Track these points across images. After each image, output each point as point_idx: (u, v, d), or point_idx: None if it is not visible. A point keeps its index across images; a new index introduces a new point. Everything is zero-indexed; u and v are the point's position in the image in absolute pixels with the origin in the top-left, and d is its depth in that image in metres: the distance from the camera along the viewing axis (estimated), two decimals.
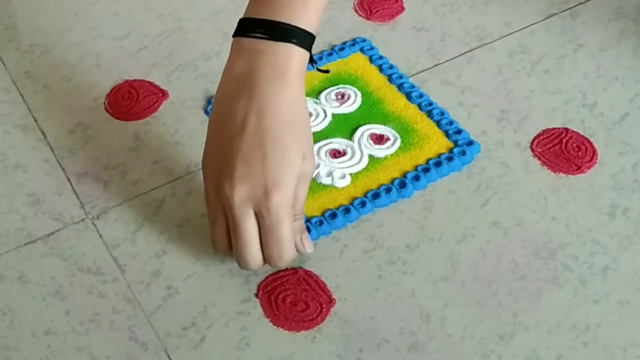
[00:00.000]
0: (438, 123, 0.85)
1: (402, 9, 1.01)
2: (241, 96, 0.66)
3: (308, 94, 0.89)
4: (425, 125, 0.85)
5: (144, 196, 0.80)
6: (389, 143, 0.83)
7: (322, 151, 0.83)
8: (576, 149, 0.83)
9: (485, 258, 0.74)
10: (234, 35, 0.71)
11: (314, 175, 0.80)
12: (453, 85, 0.90)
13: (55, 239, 0.76)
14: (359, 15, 1.00)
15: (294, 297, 0.71)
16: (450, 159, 0.81)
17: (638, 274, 0.72)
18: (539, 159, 0.82)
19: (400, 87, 0.89)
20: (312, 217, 0.77)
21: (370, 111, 0.87)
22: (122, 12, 1.02)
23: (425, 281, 0.72)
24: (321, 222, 0.76)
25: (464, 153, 0.82)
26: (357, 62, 0.93)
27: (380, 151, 0.83)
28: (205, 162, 0.69)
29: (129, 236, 0.76)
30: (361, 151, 0.83)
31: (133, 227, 0.77)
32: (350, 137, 0.84)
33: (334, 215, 0.77)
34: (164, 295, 0.72)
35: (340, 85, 0.90)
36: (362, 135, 0.84)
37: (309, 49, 0.69)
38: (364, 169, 0.81)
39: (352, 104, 0.88)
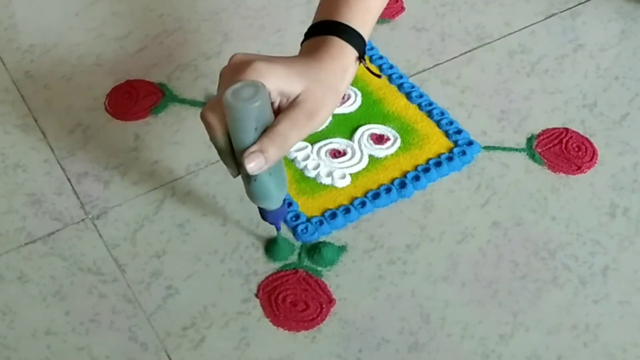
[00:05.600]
0: (438, 123, 0.85)
1: (402, 9, 1.01)
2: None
3: None
4: (425, 125, 0.85)
5: (144, 196, 0.80)
6: (389, 143, 0.83)
7: (322, 151, 0.83)
8: (576, 149, 0.83)
9: (485, 258, 0.74)
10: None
11: (313, 175, 0.80)
12: (453, 85, 0.90)
13: (55, 239, 0.76)
14: None
15: (294, 297, 0.71)
16: (450, 159, 0.81)
17: (638, 274, 0.72)
18: (539, 158, 0.82)
19: (400, 87, 0.89)
20: (312, 217, 0.77)
21: (370, 111, 0.87)
22: (122, 12, 1.02)
23: (425, 281, 0.72)
24: (321, 222, 0.76)
25: (464, 153, 0.82)
26: None
27: (380, 151, 0.83)
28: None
29: (129, 236, 0.76)
30: (361, 151, 0.83)
31: (133, 227, 0.77)
32: (350, 137, 0.84)
33: (334, 215, 0.77)
34: (164, 295, 0.72)
35: None
36: (362, 135, 0.84)
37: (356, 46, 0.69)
38: (364, 169, 0.81)
39: (352, 104, 0.88)
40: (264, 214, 0.71)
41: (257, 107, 0.61)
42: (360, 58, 0.70)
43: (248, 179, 0.65)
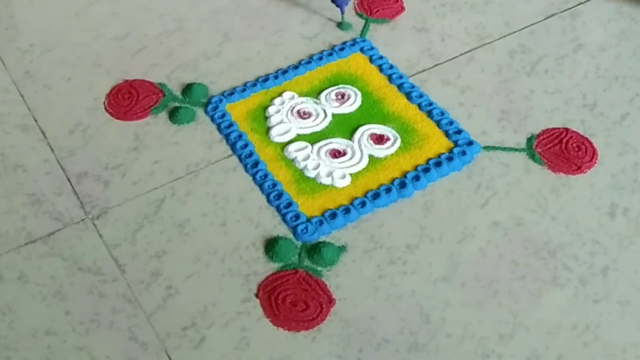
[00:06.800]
0: (438, 123, 0.85)
1: (402, 9, 1.01)
2: None
3: (308, 94, 0.89)
4: (425, 125, 0.85)
5: (144, 196, 0.80)
6: (389, 143, 0.83)
7: (322, 151, 0.83)
8: (576, 149, 0.83)
9: (485, 258, 0.74)
10: None
11: (313, 175, 0.80)
12: (453, 85, 0.90)
13: (55, 239, 0.76)
14: (359, 15, 1.00)
15: (294, 297, 0.71)
16: (450, 159, 0.81)
17: (638, 274, 0.72)
18: (539, 158, 0.82)
19: (400, 87, 0.89)
20: (312, 217, 0.77)
21: (370, 111, 0.87)
22: (122, 12, 1.02)
23: (425, 281, 0.72)
24: (321, 222, 0.76)
25: (464, 153, 0.82)
26: (357, 62, 0.93)
27: (380, 151, 0.83)
28: None
29: (129, 236, 0.76)
30: (361, 151, 0.83)
31: (133, 227, 0.77)
32: (350, 137, 0.84)
33: (334, 215, 0.77)
34: (164, 295, 0.72)
35: (340, 85, 0.90)
36: (362, 135, 0.84)
37: None
38: (364, 169, 0.81)
39: (352, 104, 0.88)
40: None
41: None
42: None
43: None
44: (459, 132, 0.84)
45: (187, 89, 0.90)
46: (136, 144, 0.85)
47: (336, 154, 0.82)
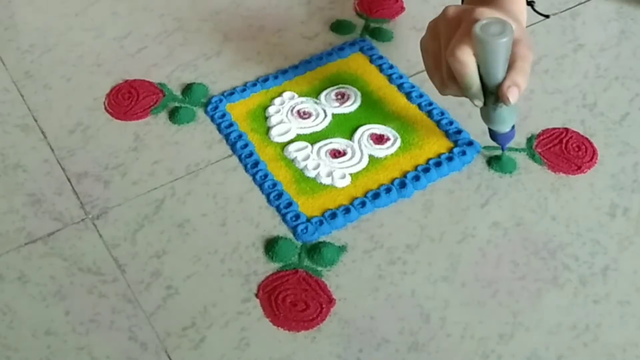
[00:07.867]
0: (438, 123, 0.85)
1: (402, 9, 1.01)
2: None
3: (308, 94, 0.89)
4: (425, 125, 0.85)
5: (144, 196, 0.80)
6: (389, 143, 0.84)
7: (322, 151, 0.83)
8: (576, 149, 0.83)
9: (485, 258, 0.74)
10: None
11: (313, 175, 0.80)
12: None
13: (55, 239, 0.76)
14: (359, 15, 1.00)
15: (294, 297, 0.71)
16: (450, 159, 0.81)
17: (638, 274, 0.72)
18: (539, 158, 0.82)
19: (400, 87, 0.89)
20: (312, 217, 0.77)
21: (370, 111, 0.87)
22: (122, 12, 1.02)
23: (425, 281, 0.72)
24: (321, 222, 0.76)
25: (464, 153, 0.82)
26: (357, 62, 0.93)
27: (380, 151, 0.83)
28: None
29: (129, 236, 0.76)
30: (361, 151, 0.83)
31: (133, 227, 0.77)
32: (350, 137, 0.84)
33: (334, 215, 0.77)
34: (164, 295, 0.72)
35: (340, 85, 0.90)
36: (362, 135, 0.84)
37: None
38: (364, 169, 0.81)
39: (352, 104, 0.88)
40: (495, 136, 0.80)
41: (508, 42, 0.70)
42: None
43: (494, 106, 0.75)
44: (459, 132, 0.84)
45: (187, 89, 0.90)
46: (136, 144, 0.85)
47: (336, 154, 0.82)
